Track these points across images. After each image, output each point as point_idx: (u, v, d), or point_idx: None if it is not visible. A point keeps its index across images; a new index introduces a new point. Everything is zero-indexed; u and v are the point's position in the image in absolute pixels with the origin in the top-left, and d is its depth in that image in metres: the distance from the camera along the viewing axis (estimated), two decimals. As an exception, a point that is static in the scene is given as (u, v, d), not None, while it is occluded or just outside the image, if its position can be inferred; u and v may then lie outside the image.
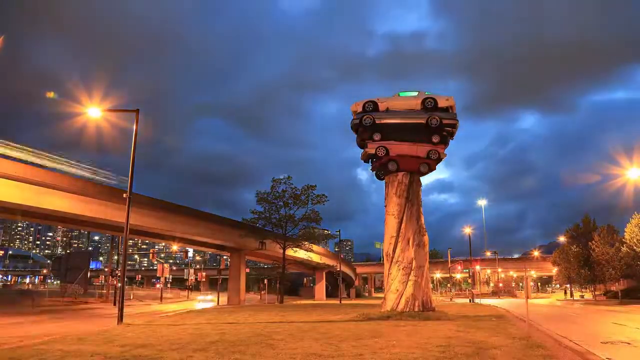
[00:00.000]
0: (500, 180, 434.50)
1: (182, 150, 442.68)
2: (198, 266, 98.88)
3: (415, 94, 22.67)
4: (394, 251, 21.12)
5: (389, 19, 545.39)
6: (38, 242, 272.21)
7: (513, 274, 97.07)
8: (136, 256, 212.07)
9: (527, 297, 15.79)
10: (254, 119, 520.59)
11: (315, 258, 60.31)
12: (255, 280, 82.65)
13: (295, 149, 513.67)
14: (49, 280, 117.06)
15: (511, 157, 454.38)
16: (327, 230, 57.59)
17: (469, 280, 77.34)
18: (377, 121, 22.27)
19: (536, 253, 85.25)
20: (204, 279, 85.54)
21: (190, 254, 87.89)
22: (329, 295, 77.45)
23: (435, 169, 22.86)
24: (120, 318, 17.24)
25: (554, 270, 68.29)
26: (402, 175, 21.85)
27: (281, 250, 45.29)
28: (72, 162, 34.67)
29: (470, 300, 49.38)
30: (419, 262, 20.85)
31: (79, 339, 12.05)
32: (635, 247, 44.84)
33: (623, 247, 47.66)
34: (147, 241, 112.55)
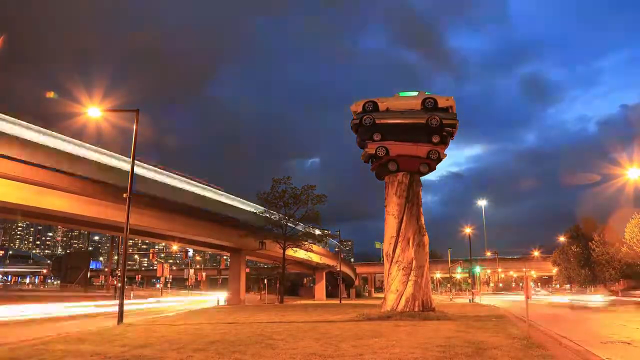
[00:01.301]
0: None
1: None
2: (198, 266, 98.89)
3: (416, 94, 22.66)
4: (394, 251, 21.12)
5: None
6: (38, 242, 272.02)
7: (513, 274, 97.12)
8: (136, 256, 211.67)
9: (527, 297, 15.77)
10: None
11: (315, 258, 60.27)
12: (255, 280, 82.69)
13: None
14: (49, 280, 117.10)
15: None
16: (327, 230, 57.60)
17: (469, 280, 77.33)
18: (377, 121, 22.24)
19: (536, 253, 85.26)
20: (204, 279, 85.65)
21: (190, 254, 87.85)
22: (329, 295, 77.39)
23: (435, 169, 22.87)
24: (120, 318, 17.23)
25: (554, 270, 68.33)
26: (402, 176, 21.84)
27: (281, 250, 45.30)
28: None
29: (470, 300, 49.40)
30: (419, 262, 20.85)
31: (79, 339, 12.04)
32: (635, 247, 44.86)
33: (623, 247, 47.70)
34: (147, 241, 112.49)
